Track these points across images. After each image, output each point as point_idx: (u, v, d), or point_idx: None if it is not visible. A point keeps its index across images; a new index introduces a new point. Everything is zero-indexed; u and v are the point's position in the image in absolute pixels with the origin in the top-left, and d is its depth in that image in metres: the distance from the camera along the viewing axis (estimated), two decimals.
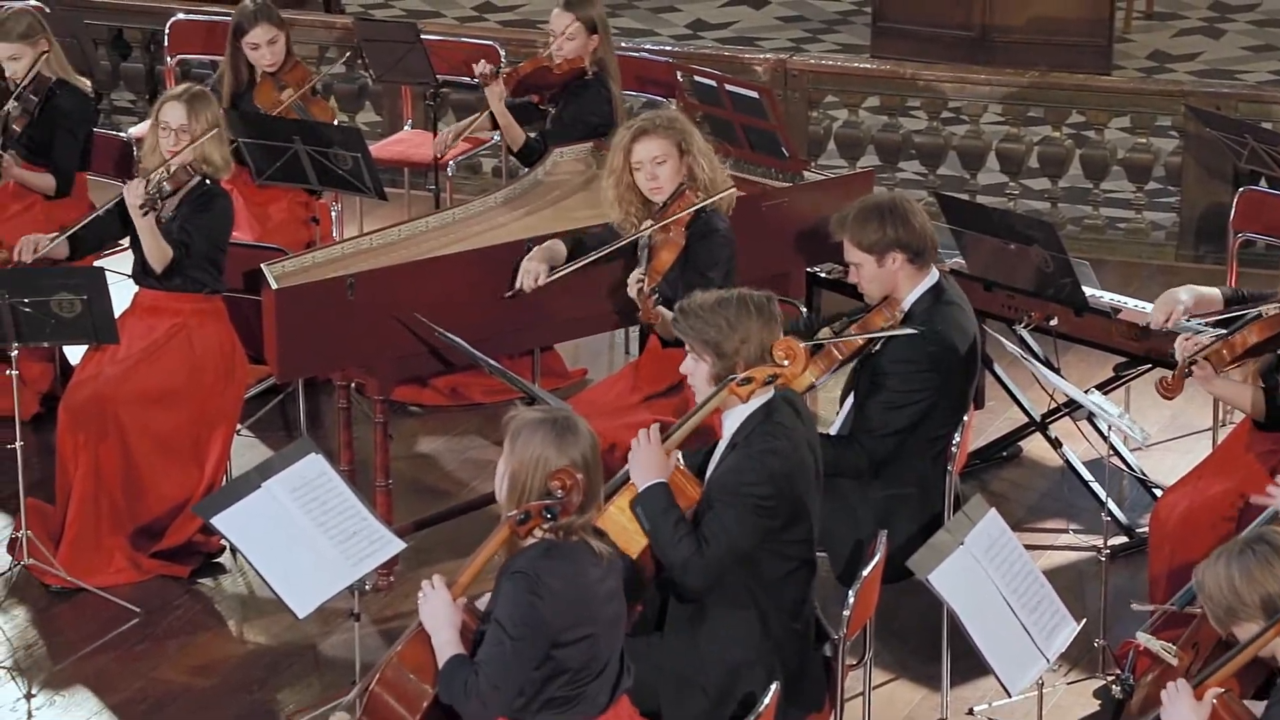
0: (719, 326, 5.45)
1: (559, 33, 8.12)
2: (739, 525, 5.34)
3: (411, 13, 13.34)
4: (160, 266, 7.03)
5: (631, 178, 6.74)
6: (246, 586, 7.03)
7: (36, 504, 7.03)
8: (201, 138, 7.03)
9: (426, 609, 4.87)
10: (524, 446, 4.86)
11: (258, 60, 8.32)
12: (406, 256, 7.03)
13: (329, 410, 7.95)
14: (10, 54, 7.91)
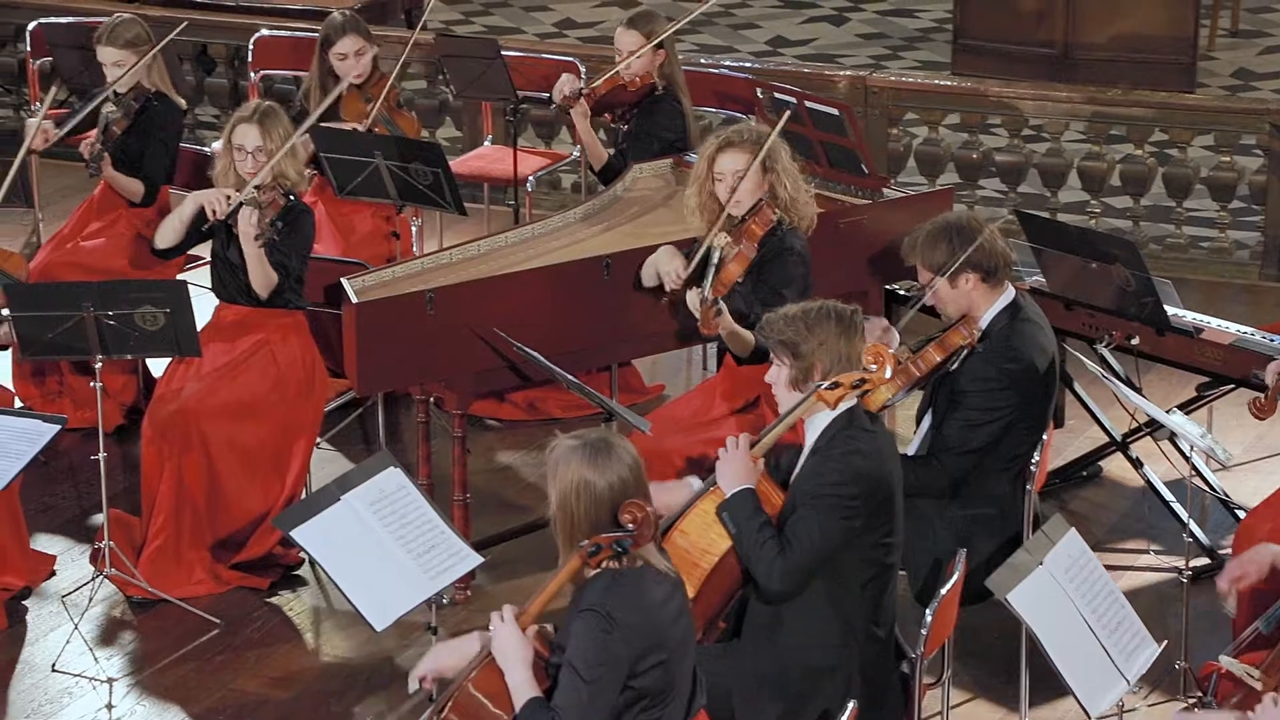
0: (797, 328, 5.54)
1: (625, 51, 8.15)
2: (822, 527, 5.36)
3: (492, 29, 13.39)
4: (266, 292, 7.08)
5: (713, 186, 6.75)
6: (325, 599, 7.06)
7: (119, 515, 7.08)
8: (277, 155, 7.06)
9: (498, 644, 4.86)
10: (562, 474, 4.87)
11: (344, 71, 8.36)
12: (486, 271, 7.06)
13: (408, 424, 7.98)
14: (115, 59, 8.00)
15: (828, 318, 5.55)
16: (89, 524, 7.39)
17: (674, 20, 8.46)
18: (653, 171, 7.83)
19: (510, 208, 9.15)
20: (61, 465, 7.74)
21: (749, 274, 6.72)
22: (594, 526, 4.83)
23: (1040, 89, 10.11)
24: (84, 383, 7.55)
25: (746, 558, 5.38)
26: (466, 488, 7.02)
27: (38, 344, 6.79)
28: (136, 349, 6.87)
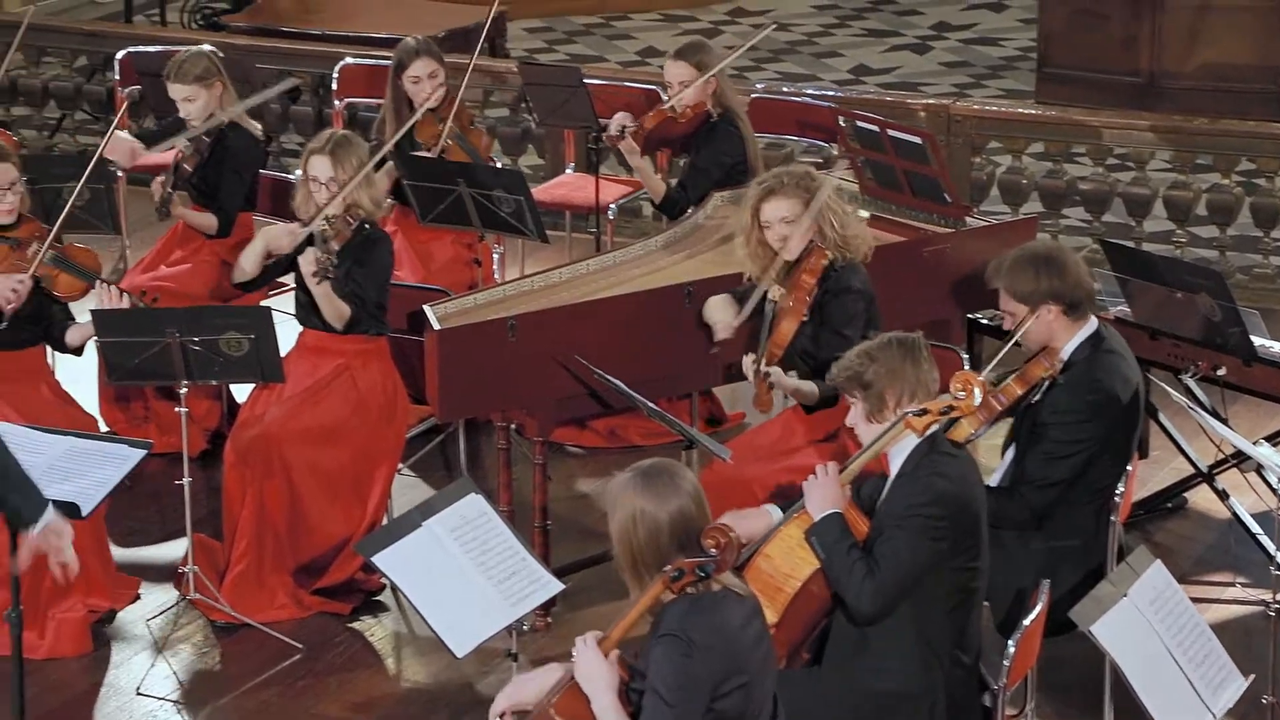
0: (861, 361, 5.57)
1: (676, 82, 8.15)
2: (910, 548, 5.35)
3: (575, 57, 13.43)
4: (339, 324, 7.11)
5: (761, 234, 6.72)
6: (406, 625, 7.07)
7: (203, 540, 7.12)
8: (348, 185, 7.10)
9: (583, 669, 4.85)
10: (621, 506, 4.87)
11: (417, 94, 8.40)
12: (567, 299, 7.07)
13: (489, 450, 8.00)
14: (185, 95, 8.05)
15: (889, 345, 5.58)
16: (173, 548, 7.44)
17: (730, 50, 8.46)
18: (733, 199, 7.82)
19: (592, 235, 9.17)
20: (146, 490, 7.79)
21: (812, 314, 6.68)
22: (659, 556, 4.82)
23: (1125, 117, 10.06)
24: (169, 408, 7.60)
25: (835, 580, 5.37)
26: (547, 514, 7.03)
27: (124, 369, 6.84)
28: (221, 374, 6.91)
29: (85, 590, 6.92)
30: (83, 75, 11.39)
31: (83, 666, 6.81)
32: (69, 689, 6.70)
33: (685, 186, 8.18)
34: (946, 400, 5.51)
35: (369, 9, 12.16)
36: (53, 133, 11.51)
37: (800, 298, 6.67)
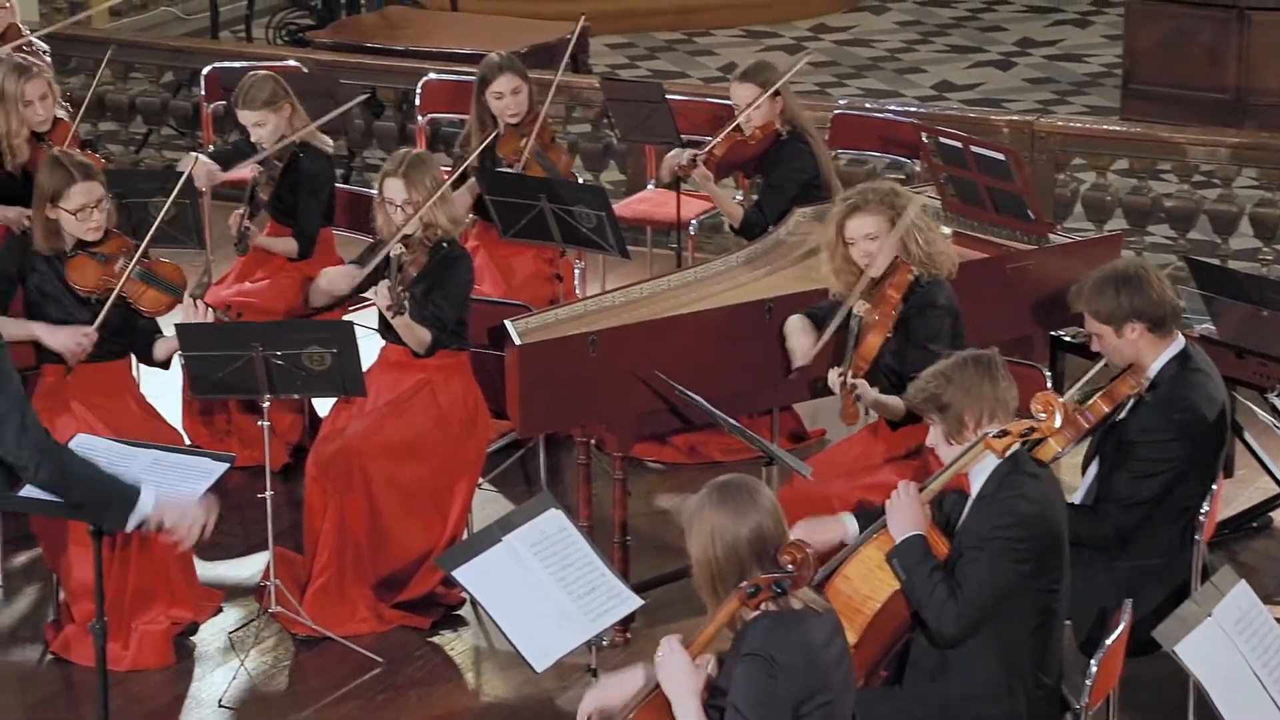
0: (936, 382, 5.54)
1: (743, 104, 8.14)
2: (991, 570, 5.33)
3: (657, 74, 13.45)
4: (421, 349, 7.14)
5: (845, 251, 6.70)
6: (486, 639, 7.09)
7: (284, 553, 7.16)
8: (423, 206, 7.12)
9: (666, 672, 4.84)
10: (699, 523, 4.85)
11: (501, 110, 8.43)
12: (648, 314, 7.07)
13: (569, 465, 8.01)
14: (255, 120, 8.09)
15: (964, 365, 5.55)
16: (255, 561, 7.48)
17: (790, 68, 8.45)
18: (815, 215, 7.81)
19: (673, 251, 9.17)
20: (229, 503, 7.78)
21: (897, 330, 6.67)
22: (737, 572, 4.81)
23: (1211, 134, 9.98)
24: (251, 421, 7.64)
25: (917, 602, 5.35)
26: (627, 530, 7.03)
27: (207, 383, 6.88)
28: (303, 388, 6.94)
29: (168, 602, 6.97)
30: (169, 91, 11.49)
31: (165, 678, 6.85)
32: (152, 700, 6.74)
33: (761, 207, 8.17)
34: (1027, 422, 5.48)
35: (452, 25, 12.22)
36: (139, 148, 11.61)
37: (886, 312, 6.65)
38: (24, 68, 8.19)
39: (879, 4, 15.40)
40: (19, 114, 8.09)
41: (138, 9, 14.26)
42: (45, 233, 7.03)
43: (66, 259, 7.05)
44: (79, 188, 6.94)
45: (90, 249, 7.05)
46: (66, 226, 7.01)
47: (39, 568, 7.29)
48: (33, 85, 8.12)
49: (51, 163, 7.04)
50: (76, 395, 7.03)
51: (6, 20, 8.97)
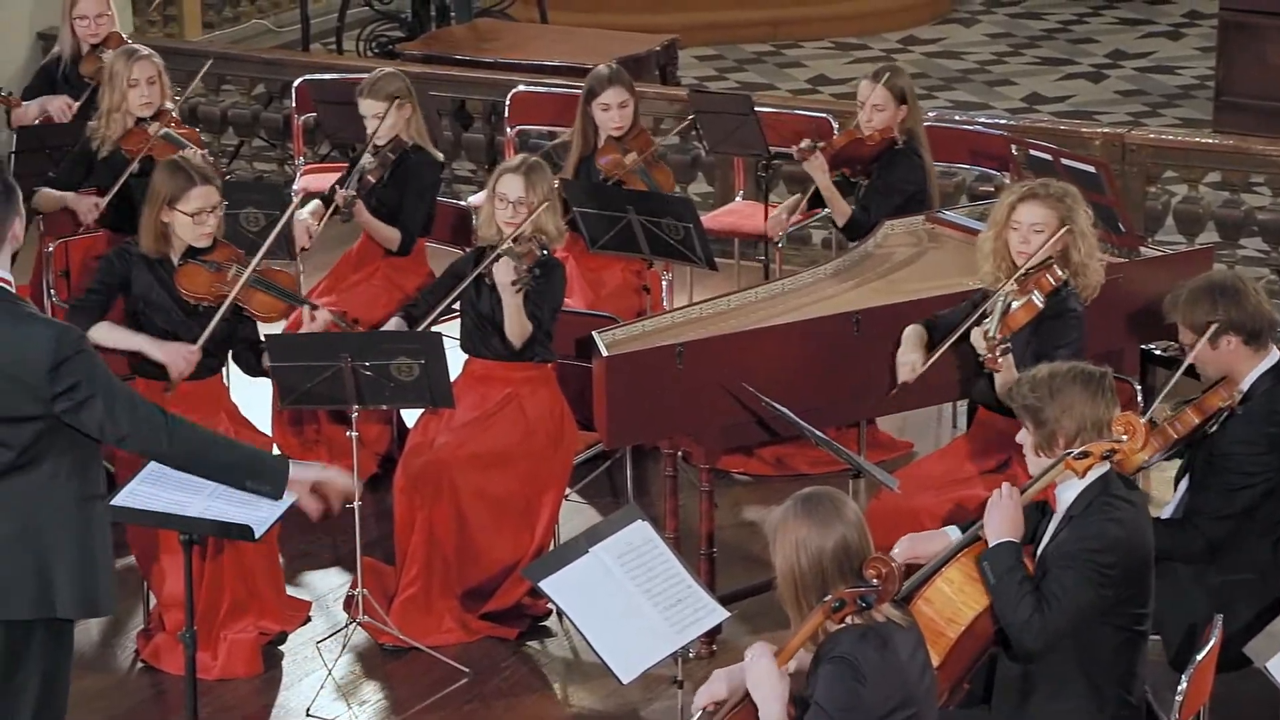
0: (1042, 395, 5.48)
1: (868, 104, 8.14)
2: (1077, 591, 5.29)
3: (745, 85, 13.44)
4: (520, 342, 7.15)
5: (1008, 234, 6.70)
6: (572, 650, 7.09)
7: (372, 563, 7.19)
8: (538, 208, 7.15)
9: (754, 676, 4.85)
10: (783, 535, 4.85)
11: (605, 123, 8.45)
12: (735, 326, 7.06)
13: (655, 477, 8.00)
14: (375, 112, 8.14)
15: (1074, 381, 5.48)
16: (343, 572, 7.51)
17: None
18: (905, 228, 7.79)
19: (760, 263, 9.16)
20: None
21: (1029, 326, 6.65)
22: (821, 585, 4.80)
23: None
24: (340, 432, 7.68)
25: (1001, 610, 5.31)
26: (713, 542, 7.02)
27: (296, 393, 6.92)
28: (392, 399, 6.97)
29: (258, 613, 7.00)
30: (260, 103, 11.57)
31: (254, 687, 6.89)
32: (240, 709, 6.78)
33: (867, 209, 8.16)
34: (1108, 443, 5.42)
35: (542, 37, 12.25)
36: (230, 159, 11.69)
37: (1040, 296, 6.65)
38: (134, 50, 8.32)
39: (969, 16, 15.34)
40: (122, 91, 8.18)
41: (230, 21, 14.38)
42: (154, 236, 7.03)
43: (176, 267, 7.07)
44: (198, 191, 6.96)
45: (200, 257, 7.07)
46: (179, 230, 7.01)
47: (132, 576, 7.34)
48: (140, 67, 8.21)
49: (171, 166, 7.05)
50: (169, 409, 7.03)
51: (108, 28, 9.07)
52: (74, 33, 9.06)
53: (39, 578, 5.29)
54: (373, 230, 8.19)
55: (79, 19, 9.03)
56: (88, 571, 5.36)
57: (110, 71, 8.27)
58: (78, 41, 9.07)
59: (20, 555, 5.27)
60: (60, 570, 5.31)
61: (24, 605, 5.29)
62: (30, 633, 5.33)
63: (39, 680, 5.37)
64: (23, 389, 5.20)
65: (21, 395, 5.20)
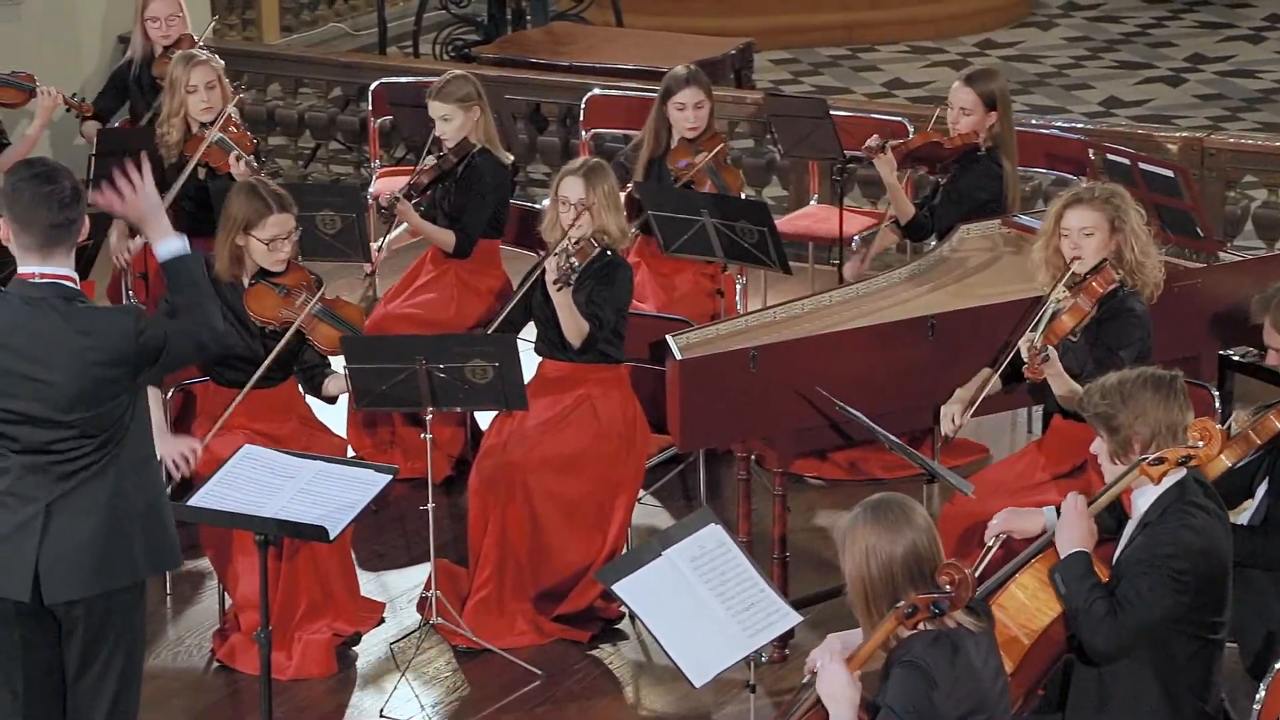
0: (1113, 401, 5.45)
1: (956, 106, 8.09)
2: (1153, 596, 5.26)
3: (821, 89, 13.42)
4: (578, 341, 7.16)
5: (1059, 242, 6.67)
6: (644, 653, 7.09)
7: (446, 565, 7.21)
8: (599, 209, 7.15)
9: (825, 681, 4.84)
10: (853, 541, 4.85)
11: (680, 123, 8.44)
12: (809, 330, 7.05)
13: (728, 481, 8.00)
14: (444, 114, 8.15)
15: (1144, 387, 5.45)
16: (417, 573, 7.53)
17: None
18: (980, 232, 7.75)
19: (835, 267, 9.14)
20: (391, 514, 7.91)
21: (1086, 332, 6.63)
22: (891, 591, 4.79)
23: None
24: (414, 434, 7.70)
25: (1073, 617, 5.29)
26: (786, 546, 7.01)
27: (372, 395, 6.95)
28: (466, 401, 6.98)
29: (332, 614, 7.03)
30: (337, 106, 11.63)
31: (328, 687, 6.92)
32: (314, 709, 6.81)
33: (934, 213, 8.12)
34: (1185, 449, 5.38)
35: (617, 41, 12.26)
36: (307, 162, 11.76)
37: (1087, 300, 6.64)
38: (192, 55, 8.34)
39: (1047, 19, 15.27)
40: (181, 97, 8.23)
41: (307, 25, 14.46)
42: (229, 260, 7.06)
43: (246, 287, 7.11)
44: (275, 218, 6.99)
45: (271, 279, 7.10)
46: (254, 255, 7.04)
47: (207, 576, 7.39)
48: (198, 72, 8.24)
49: (248, 191, 7.06)
50: (239, 417, 7.07)
51: (179, 30, 9.13)
52: (146, 35, 9.12)
53: (123, 545, 5.38)
54: (421, 231, 8.20)
55: (150, 20, 9.09)
56: (161, 529, 5.48)
57: (170, 78, 8.30)
58: (150, 44, 9.13)
59: (112, 528, 5.36)
60: (137, 534, 5.41)
61: (115, 575, 5.39)
62: (110, 603, 5.41)
63: (123, 654, 5.47)
64: (117, 372, 5.29)
65: (116, 379, 5.30)
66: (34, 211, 5.29)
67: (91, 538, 5.35)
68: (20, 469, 5.34)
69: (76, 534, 5.34)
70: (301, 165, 11.75)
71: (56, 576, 5.33)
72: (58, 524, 5.34)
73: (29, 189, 5.31)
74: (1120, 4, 15.57)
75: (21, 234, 5.33)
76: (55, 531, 5.34)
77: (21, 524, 5.34)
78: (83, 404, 5.29)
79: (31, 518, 5.33)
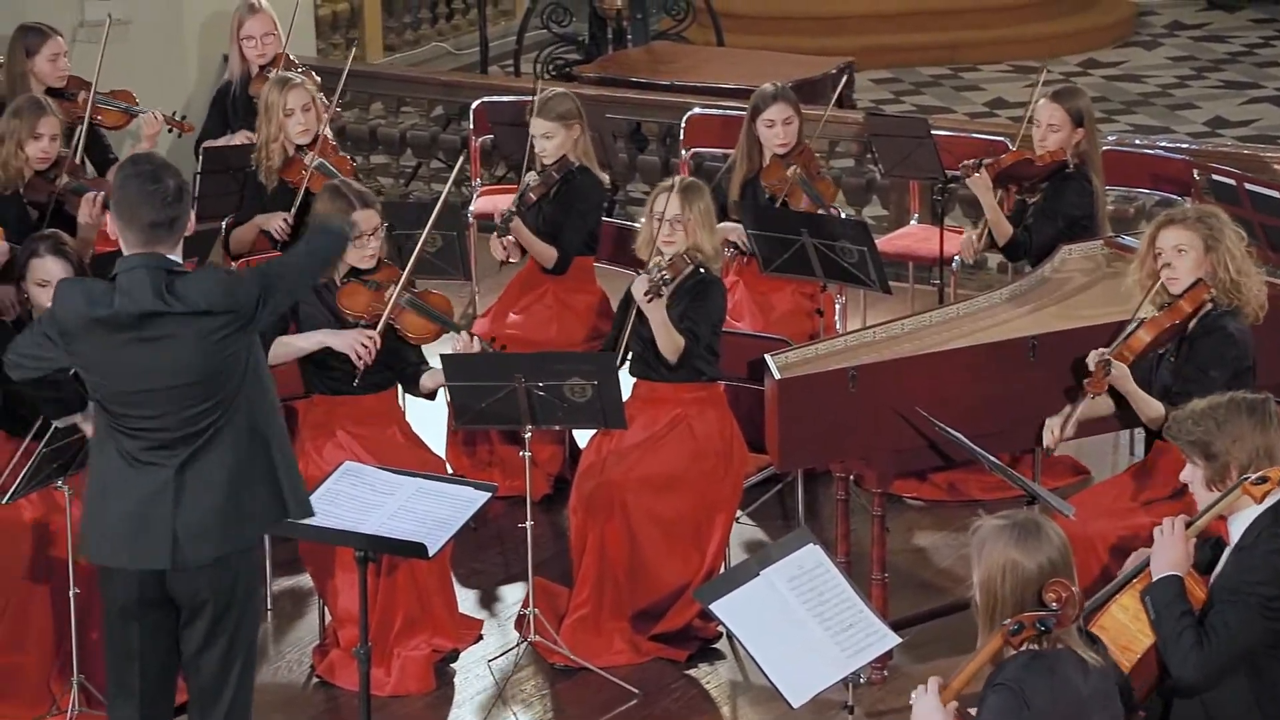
0: (1206, 427, 5.41)
1: (1044, 123, 8.05)
2: (1242, 624, 5.21)
3: (922, 108, 13.37)
4: (674, 357, 7.16)
5: (1155, 265, 6.63)
6: (741, 673, 7.08)
7: (544, 583, 7.22)
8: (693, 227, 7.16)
9: (916, 713, 4.83)
10: (988, 553, 4.82)
11: (770, 140, 8.43)
12: (909, 350, 7.02)
13: (827, 501, 7.98)
14: (544, 131, 8.19)
15: (1238, 411, 5.41)
16: (514, 591, 7.55)
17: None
18: (1082, 252, 7.70)
19: (935, 287, 9.10)
20: (490, 532, 7.94)
21: (1179, 349, 6.57)
22: (1019, 607, 4.77)
23: None
24: (513, 452, 7.72)
25: (1163, 644, 5.25)
26: (885, 567, 6.98)
27: (471, 413, 6.98)
28: (564, 420, 7.00)
29: (430, 630, 7.06)
30: (438, 125, 11.69)
31: (426, 704, 6.94)
32: None
33: (1030, 231, 8.09)
34: None
35: (718, 60, 12.27)
36: (408, 180, 11.83)
37: (1168, 316, 6.57)
38: (287, 79, 8.39)
39: (1151, 39, 15.17)
40: (279, 121, 8.29)
41: (410, 44, 14.55)
42: None
43: (338, 285, 7.17)
44: (358, 215, 7.05)
45: (362, 276, 7.17)
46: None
47: (307, 592, 7.44)
48: (293, 95, 8.29)
49: (331, 192, 7.16)
50: (344, 425, 7.16)
51: (274, 49, 9.19)
52: (242, 55, 9.20)
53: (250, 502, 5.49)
54: (530, 246, 8.22)
55: (246, 39, 9.16)
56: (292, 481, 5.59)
57: (265, 102, 8.35)
58: (246, 64, 9.20)
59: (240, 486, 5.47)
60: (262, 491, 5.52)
61: (244, 532, 5.52)
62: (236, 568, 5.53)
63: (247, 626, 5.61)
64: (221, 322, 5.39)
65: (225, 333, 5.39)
66: (138, 208, 5.40)
67: (223, 497, 5.44)
68: (146, 435, 5.43)
69: (208, 495, 5.44)
70: (403, 183, 11.82)
71: (192, 539, 5.43)
72: (190, 488, 5.43)
73: (134, 186, 5.43)
74: (1226, 24, 15.44)
75: (125, 230, 5.44)
76: (189, 495, 5.43)
77: (154, 492, 5.43)
78: (199, 373, 5.37)
79: (163, 485, 5.43)
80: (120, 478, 5.48)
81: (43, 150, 7.99)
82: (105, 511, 5.52)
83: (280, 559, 7.53)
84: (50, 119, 8.01)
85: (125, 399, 5.44)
